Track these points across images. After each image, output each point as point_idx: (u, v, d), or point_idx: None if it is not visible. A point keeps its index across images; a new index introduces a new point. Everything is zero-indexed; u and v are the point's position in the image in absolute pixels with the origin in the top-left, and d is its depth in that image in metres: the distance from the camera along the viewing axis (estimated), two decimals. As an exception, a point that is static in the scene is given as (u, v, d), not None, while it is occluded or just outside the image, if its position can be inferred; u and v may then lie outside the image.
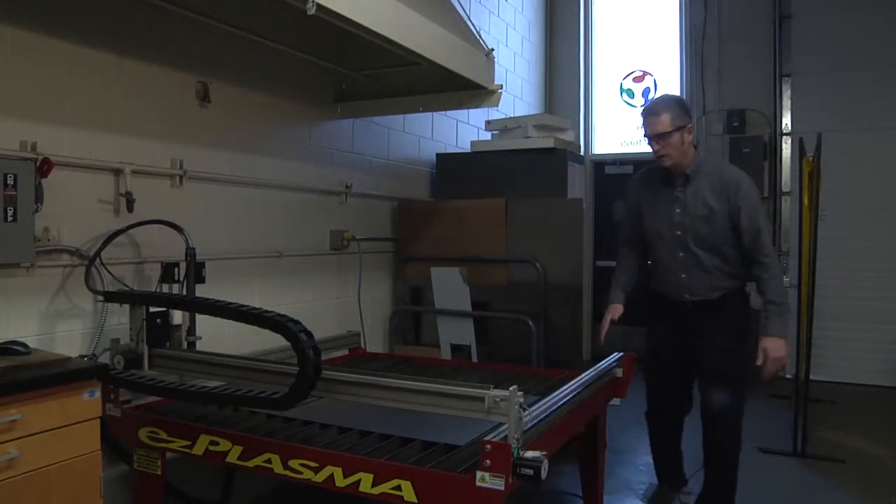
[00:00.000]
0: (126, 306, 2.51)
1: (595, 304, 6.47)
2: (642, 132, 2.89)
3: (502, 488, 1.80)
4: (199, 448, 2.28)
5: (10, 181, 2.16)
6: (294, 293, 3.60)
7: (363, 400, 2.14)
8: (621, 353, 2.95)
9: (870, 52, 5.80)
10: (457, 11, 3.53)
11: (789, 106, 6.16)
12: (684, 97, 6.60)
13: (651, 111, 2.84)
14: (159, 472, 2.40)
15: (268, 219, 3.44)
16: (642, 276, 3.17)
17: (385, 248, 4.42)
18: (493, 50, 3.50)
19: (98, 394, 1.97)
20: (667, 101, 2.95)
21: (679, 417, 3.22)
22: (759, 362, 2.80)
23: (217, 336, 2.85)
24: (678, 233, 2.87)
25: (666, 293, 2.99)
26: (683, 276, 2.90)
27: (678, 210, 2.86)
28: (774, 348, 2.78)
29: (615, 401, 2.95)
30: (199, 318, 2.73)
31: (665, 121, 2.78)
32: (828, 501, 3.35)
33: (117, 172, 2.65)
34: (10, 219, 2.17)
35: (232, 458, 2.22)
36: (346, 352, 3.60)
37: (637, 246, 3.13)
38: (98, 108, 2.59)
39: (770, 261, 2.77)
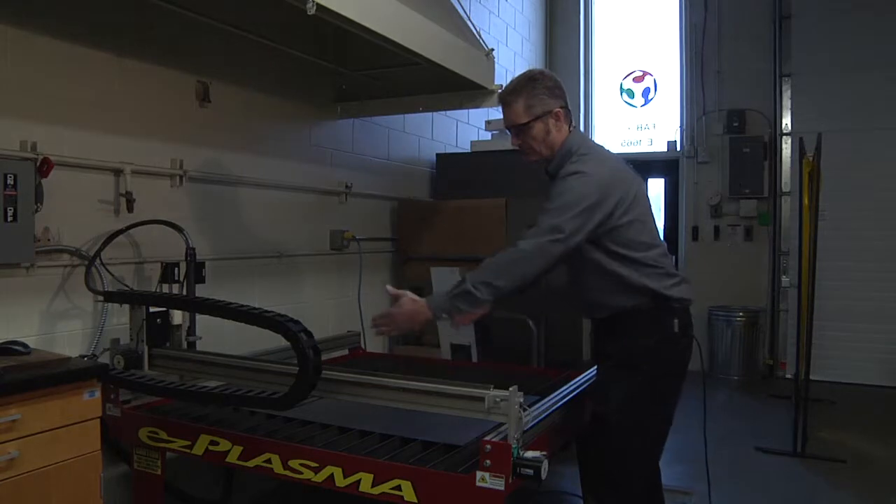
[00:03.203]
0: (126, 306, 2.51)
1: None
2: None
3: (502, 488, 1.80)
4: (199, 448, 2.28)
5: (10, 181, 2.17)
6: (294, 293, 3.60)
7: (363, 400, 2.14)
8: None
9: (870, 52, 5.79)
10: (457, 11, 3.54)
11: (789, 106, 6.16)
12: (683, 95, 6.61)
13: (502, 99, 2.27)
14: (159, 472, 2.40)
15: (268, 219, 3.44)
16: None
17: (385, 248, 4.42)
18: (493, 50, 3.50)
19: (98, 394, 1.97)
20: (521, 83, 2.24)
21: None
22: (389, 290, 2.23)
23: (217, 336, 2.85)
24: None
25: None
26: (569, 287, 2.34)
27: None
28: (406, 312, 2.13)
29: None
30: (199, 318, 2.73)
31: (518, 110, 2.20)
32: (828, 501, 3.34)
33: (117, 172, 2.64)
34: (10, 219, 2.17)
35: (232, 458, 2.22)
36: (346, 352, 3.60)
37: None
38: (98, 108, 2.59)
39: (520, 244, 2.05)
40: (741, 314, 6.06)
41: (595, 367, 2.51)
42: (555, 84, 2.24)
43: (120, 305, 2.55)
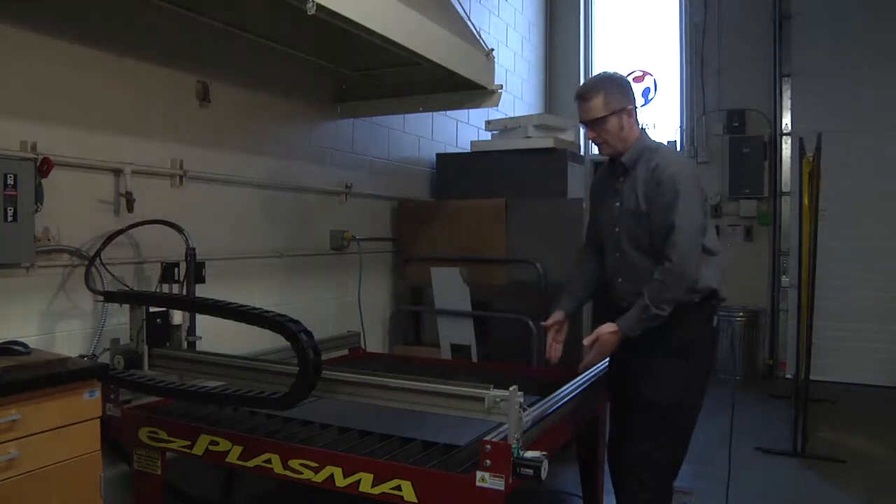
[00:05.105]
0: (126, 306, 2.51)
1: (595, 305, 6.46)
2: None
3: (502, 488, 1.80)
4: (199, 448, 2.28)
5: (10, 181, 2.16)
6: (294, 293, 3.60)
7: (363, 400, 2.14)
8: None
9: (870, 52, 5.80)
10: (457, 11, 3.53)
11: (789, 106, 6.17)
12: (683, 95, 6.63)
13: (582, 95, 2.44)
14: (159, 472, 2.40)
15: (268, 219, 3.44)
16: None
17: (385, 248, 4.42)
18: (493, 50, 3.50)
19: (98, 394, 1.97)
20: (600, 81, 2.49)
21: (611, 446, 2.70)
22: (586, 342, 2.39)
23: (217, 336, 2.85)
24: (616, 230, 2.47)
25: (613, 300, 2.56)
26: (620, 279, 2.49)
27: (617, 204, 2.46)
28: (610, 344, 2.34)
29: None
30: (199, 318, 2.73)
31: (597, 105, 2.39)
32: (828, 501, 3.35)
33: (117, 172, 2.64)
34: (10, 219, 2.17)
35: (232, 458, 2.22)
36: (346, 352, 3.60)
37: (598, 245, 2.66)
38: (98, 108, 2.59)
39: (675, 265, 2.23)
40: (741, 314, 6.05)
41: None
42: (628, 84, 2.50)
43: (120, 305, 2.55)
